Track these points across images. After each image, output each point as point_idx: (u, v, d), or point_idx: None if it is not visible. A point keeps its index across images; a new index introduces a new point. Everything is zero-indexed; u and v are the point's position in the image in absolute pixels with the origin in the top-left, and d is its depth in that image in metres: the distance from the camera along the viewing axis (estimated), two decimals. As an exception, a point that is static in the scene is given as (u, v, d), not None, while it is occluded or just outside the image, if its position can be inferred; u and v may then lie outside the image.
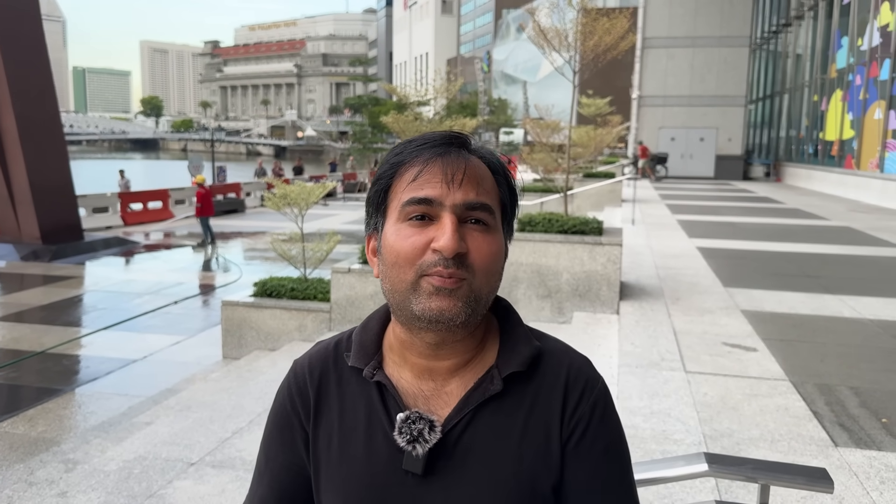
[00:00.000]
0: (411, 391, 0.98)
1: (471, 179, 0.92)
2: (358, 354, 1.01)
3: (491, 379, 0.96)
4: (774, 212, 16.47)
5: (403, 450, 0.93)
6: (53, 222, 14.97)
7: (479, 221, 0.92)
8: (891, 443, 3.77)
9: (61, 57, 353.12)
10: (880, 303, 7.02)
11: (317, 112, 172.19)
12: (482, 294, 0.92)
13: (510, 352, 0.98)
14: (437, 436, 0.92)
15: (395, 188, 0.94)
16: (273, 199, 8.01)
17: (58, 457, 4.48)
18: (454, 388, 0.97)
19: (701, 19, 28.89)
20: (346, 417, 1.00)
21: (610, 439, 0.97)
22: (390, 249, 0.92)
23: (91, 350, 8.32)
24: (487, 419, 0.95)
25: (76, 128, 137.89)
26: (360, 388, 1.00)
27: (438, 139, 0.95)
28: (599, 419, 0.97)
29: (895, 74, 18.05)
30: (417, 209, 0.90)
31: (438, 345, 0.95)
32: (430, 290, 0.89)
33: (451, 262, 0.88)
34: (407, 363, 0.99)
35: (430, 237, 0.89)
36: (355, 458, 0.97)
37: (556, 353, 1.01)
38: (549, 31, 7.42)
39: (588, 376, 0.99)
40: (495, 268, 0.93)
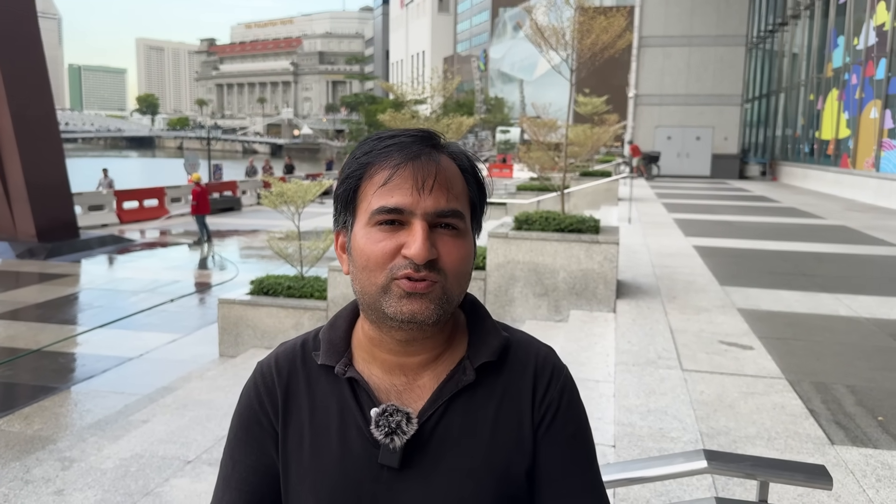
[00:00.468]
0: (383, 386, 0.98)
1: (441, 185, 0.91)
2: (328, 352, 1.01)
3: (463, 370, 0.98)
4: (770, 210, 16.50)
5: (380, 444, 0.93)
6: (49, 220, 14.92)
7: (450, 226, 0.92)
8: (887, 441, 3.78)
9: (57, 55, 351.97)
10: (876, 301, 7.04)
11: (313, 110, 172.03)
12: (453, 295, 0.93)
13: (480, 343, 1.00)
14: (415, 427, 0.93)
15: (364, 189, 0.94)
16: (269, 197, 7.99)
17: (54, 455, 4.47)
18: (426, 382, 0.98)
19: (697, 18, 28.93)
20: (317, 415, 0.99)
21: (577, 426, 1.01)
22: (360, 253, 0.92)
23: (87, 348, 8.30)
24: (461, 410, 0.96)
25: (72, 126, 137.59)
26: (330, 386, 1.00)
27: (408, 139, 0.94)
28: (567, 405, 1.00)
29: (891, 74, 18.10)
30: (387, 217, 0.90)
31: (409, 342, 0.96)
32: (400, 293, 0.90)
33: (421, 267, 0.89)
34: (376, 360, 0.99)
35: (401, 242, 0.90)
36: (328, 455, 0.97)
37: (523, 344, 1.04)
38: (546, 30, 7.42)
39: (554, 364, 1.02)
40: (465, 269, 0.95)
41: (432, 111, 10.49)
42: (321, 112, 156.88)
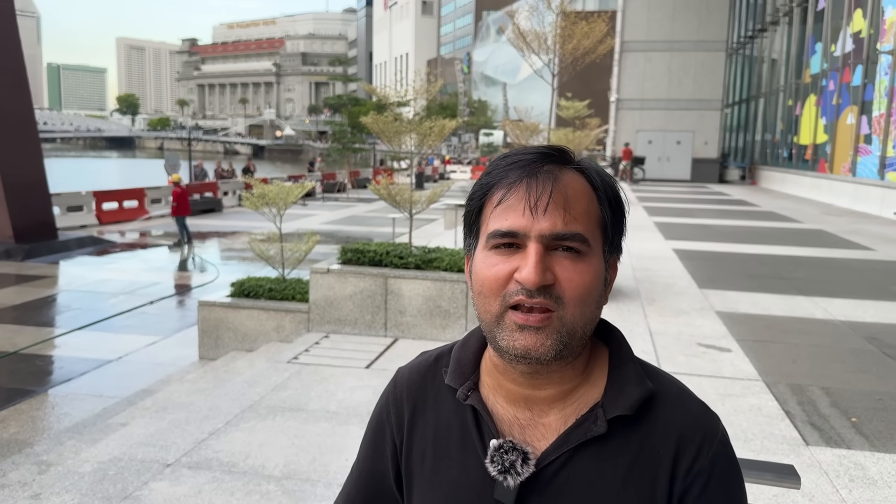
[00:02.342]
0: (507, 418, 0.93)
1: (557, 205, 0.85)
2: (454, 373, 0.97)
3: (595, 419, 0.89)
4: (749, 214, 16.69)
5: (495, 479, 0.89)
6: (26, 221, 14.73)
7: (571, 249, 0.85)
8: (860, 441, 3.84)
9: (35, 53, 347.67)
10: (851, 304, 7.16)
11: (296, 111, 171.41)
12: (576, 327, 0.85)
13: (618, 391, 0.91)
14: (531, 469, 0.88)
15: (485, 211, 0.90)
16: (251, 199, 7.96)
17: (30, 458, 4.42)
18: (552, 421, 0.92)
19: (678, 24, 29.20)
20: (441, 435, 0.97)
21: (732, 493, 0.91)
22: (477, 277, 0.89)
23: (65, 350, 8.21)
24: (587, 461, 0.89)
25: (50, 125, 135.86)
26: (455, 407, 0.97)
27: (530, 156, 0.89)
28: (721, 474, 0.90)
29: (867, 80, 18.38)
30: (502, 241, 0.86)
31: (533, 374, 0.90)
32: (513, 326, 0.85)
33: (535, 293, 0.83)
34: (502, 388, 0.94)
35: (515, 266, 0.84)
36: (448, 479, 0.95)
37: (671, 398, 0.93)
38: (528, 34, 7.47)
39: (706, 428, 0.91)
40: (589, 297, 0.86)
41: (416, 113, 10.50)
42: (304, 113, 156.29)
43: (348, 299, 7.02)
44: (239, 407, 4.73)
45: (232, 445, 4.08)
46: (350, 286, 6.99)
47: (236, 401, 4.90)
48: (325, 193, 28.83)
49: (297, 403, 4.78)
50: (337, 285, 7.06)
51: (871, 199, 17.26)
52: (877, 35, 18.06)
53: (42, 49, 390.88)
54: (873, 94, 17.94)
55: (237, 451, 3.99)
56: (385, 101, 9.61)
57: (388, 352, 6.26)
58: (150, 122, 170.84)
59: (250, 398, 4.92)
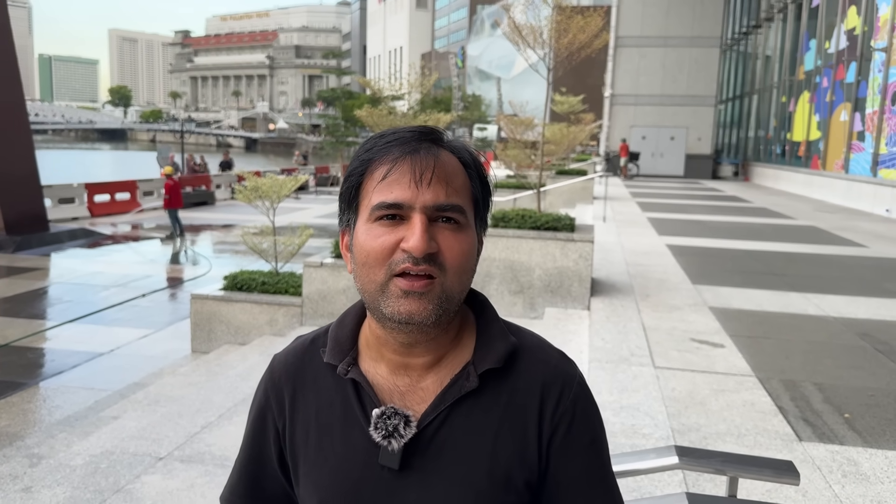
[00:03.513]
0: (387, 387, 0.98)
1: (440, 179, 0.91)
2: (333, 351, 1.01)
3: (467, 376, 0.96)
4: (742, 210, 16.73)
5: (379, 445, 0.94)
6: (18, 213, 14.64)
7: (450, 220, 0.91)
8: (853, 437, 3.86)
9: (27, 44, 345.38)
10: (844, 301, 7.18)
11: (289, 104, 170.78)
12: (454, 293, 0.92)
13: (486, 348, 0.97)
14: (413, 431, 0.93)
15: (365, 186, 0.94)
16: (244, 192, 7.93)
17: (22, 451, 4.40)
18: (430, 384, 0.97)
19: (673, 19, 29.20)
20: (323, 413, 1.00)
21: (593, 435, 0.99)
22: (361, 249, 0.92)
23: (56, 343, 8.17)
24: (463, 416, 0.95)
25: (42, 117, 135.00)
26: (335, 384, 1.00)
27: (408, 135, 0.94)
28: (582, 415, 0.98)
29: (861, 77, 18.43)
30: (387, 212, 0.90)
31: (411, 344, 0.95)
32: (398, 292, 0.89)
33: (420, 260, 0.88)
34: (383, 359, 0.99)
35: (400, 237, 0.89)
36: (332, 453, 0.98)
37: (533, 350, 1.00)
38: (524, 28, 7.45)
39: (565, 374, 0.99)
40: (467, 265, 0.93)
41: (409, 107, 10.47)
42: (297, 106, 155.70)
43: (342, 293, 6.99)
44: (232, 400, 4.71)
45: (224, 439, 4.07)
46: (343, 280, 6.97)
47: (229, 394, 4.88)
48: (319, 187, 28.76)
49: (291, 397, 4.76)
50: (330, 279, 7.04)
51: (863, 196, 17.32)
52: (871, 32, 18.10)
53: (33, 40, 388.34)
54: (867, 91, 17.99)
55: (230, 444, 3.97)
56: (379, 94, 9.59)
57: (382, 346, 6.24)
58: (143, 114, 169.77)
59: (243, 392, 4.90)
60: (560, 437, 0.96)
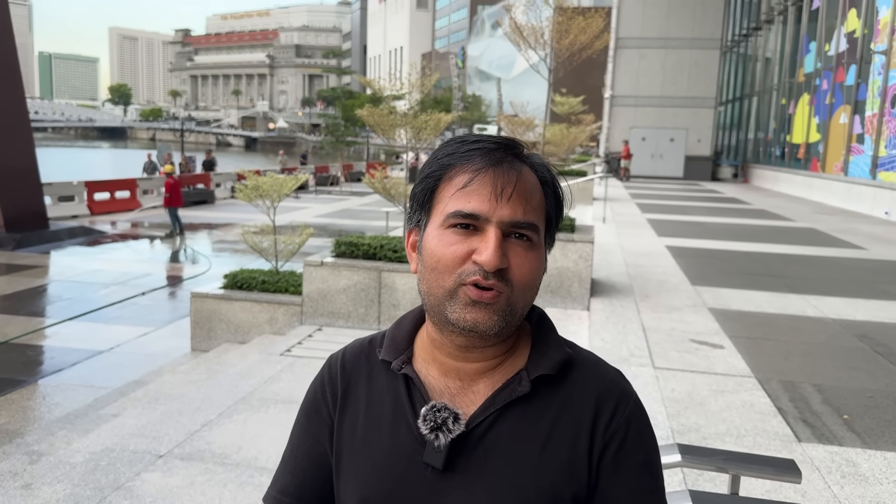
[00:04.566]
0: (438, 387, 0.98)
1: (520, 195, 0.90)
2: (389, 348, 1.02)
3: (519, 380, 0.96)
4: (742, 212, 16.75)
5: (426, 441, 0.94)
6: (18, 210, 14.63)
7: (523, 237, 0.91)
8: (851, 438, 3.87)
9: (27, 42, 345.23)
10: (843, 302, 7.19)
11: (289, 104, 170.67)
12: (518, 307, 0.92)
13: (541, 355, 0.98)
14: (461, 428, 0.93)
15: (442, 190, 0.93)
16: (244, 191, 7.93)
17: (22, 448, 4.40)
18: (481, 388, 0.97)
19: (673, 21, 29.22)
20: (373, 409, 1.01)
21: (646, 454, 0.97)
22: (431, 254, 0.92)
23: (56, 341, 8.17)
24: (513, 421, 0.95)
25: (42, 114, 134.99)
26: (388, 381, 1.02)
27: (492, 145, 0.94)
28: (636, 433, 0.97)
29: (860, 80, 18.45)
30: (463, 221, 0.90)
31: (468, 348, 0.95)
32: (466, 300, 0.89)
33: (490, 275, 0.88)
34: (435, 361, 0.99)
35: (473, 247, 0.89)
36: (378, 448, 0.98)
37: (588, 364, 1.01)
38: (524, 29, 7.46)
39: (621, 390, 0.99)
40: (533, 283, 0.93)
41: (410, 107, 10.47)
42: (297, 106, 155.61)
43: (342, 292, 7.00)
44: (231, 399, 4.72)
45: (224, 437, 4.07)
46: (344, 279, 6.98)
47: (229, 393, 4.89)
48: (319, 186, 28.76)
49: (290, 396, 4.77)
50: (330, 278, 7.05)
51: (862, 199, 17.34)
52: (871, 35, 18.12)
53: (34, 38, 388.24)
54: (866, 93, 18.01)
55: (230, 442, 3.98)
56: (380, 93, 9.58)
57: (382, 345, 6.24)
58: (143, 112, 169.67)
59: (243, 390, 4.91)
60: (612, 453, 0.95)
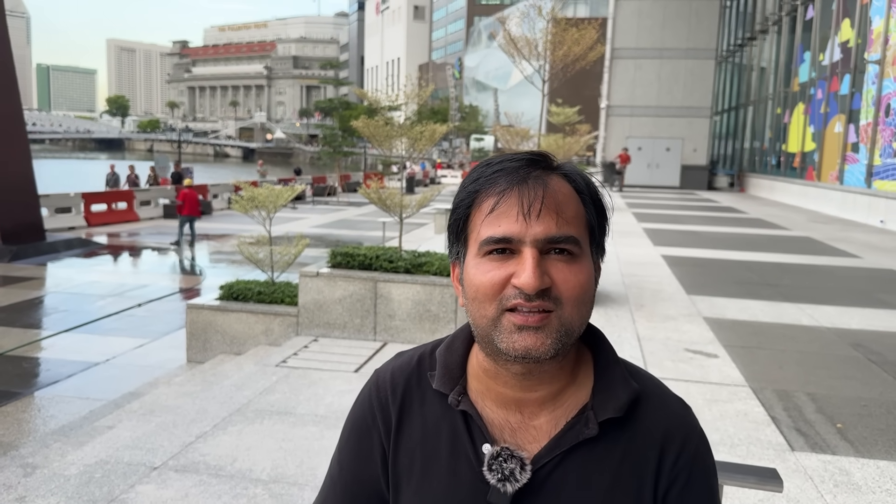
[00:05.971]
0: (497, 422, 0.95)
1: (550, 209, 0.87)
2: (443, 378, 0.98)
3: (586, 422, 0.92)
4: (737, 221, 16.79)
5: (490, 484, 0.91)
6: (14, 222, 14.63)
7: (564, 251, 0.87)
8: (845, 447, 3.88)
9: (25, 54, 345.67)
10: (837, 311, 7.21)
11: (286, 114, 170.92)
12: (573, 326, 0.88)
13: (607, 393, 0.94)
14: (528, 476, 0.90)
15: (473, 219, 0.91)
16: (240, 202, 7.95)
17: (16, 461, 4.40)
18: (543, 423, 0.94)
19: (668, 31, 29.37)
20: (429, 440, 0.98)
21: (712, 488, 0.96)
22: (471, 284, 0.89)
23: (52, 353, 8.16)
24: (579, 462, 0.92)
25: (39, 126, 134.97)
26: (443, 411, 0.98)
27: (515, 164, 0.90)
28: (702, 469, 0.95)
29: (855, 89, 18.55)
30: (496, 246, 0.87)
31: (526, 375, 0.91)
32: (511, 327, 0.86)
33: (533, 297, 0.84)
34: (491, 392, 0.95)
35: (511, 272, 0.86)
36: (438, 483, 0.95)
37: (654, 397, 0.97)
38: (519, 40, 7.51)
39: (687, 426, 0.96)
40: (584, 297, 0.88)
41: (406, 118, 10.52)
42: (295, 116, 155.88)
43: (337, 303, 7.01)
44: (227, 410, 4.72)
45: (219, 449, 4.07)
46: (339, 290, 6.99)
47: (224, 404, 4.88)
48: (315, 197, 28.79)
49: (286, 407, 4.77)
50: (326, 289, 7.05)
51: (858, 208, 17.40)
52: (864, 45, 18.24)
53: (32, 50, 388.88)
54: (861, 103, 18.10)
55: (224, 454, 3.98)
56: (376, 105, 9.63)
57: (378, 356, 6.25)
58: (140, 123, 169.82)
59: (238, 401, 4.90)
60: (677, 491, 0.93)
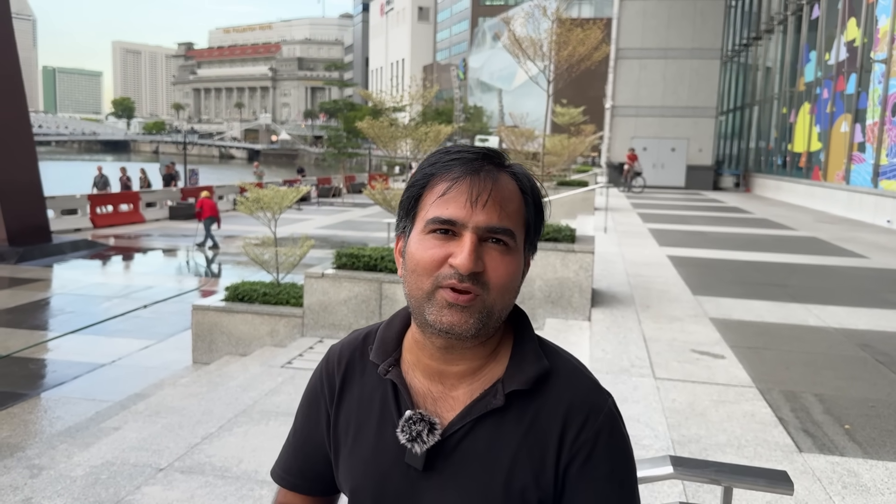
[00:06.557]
0: (421, 391, 1.03)
1: (495, 202, 0.94)
2: (378, 350, 1.07)
3: (495, 393, 0.99)
4: (743, 222, 16.74)
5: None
6: (21, 224, 14.68)
7: (500, 242, 0.95)
8: (853, 449, 3.85)
9: (31, 56, 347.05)
10: (844, 312, 7.18)
11: (291, 116, 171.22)
12: (495, 309, 0.95)
13: (517, 368, 1.00)
14: (436, 438, 0.98)
15: (425, 198, 0.98)
16: (246, 203, 7.96)
17: (22, 462, 4.40)
18: (461, 395, 1.01)
19: (673, 31, 29.31)
20: (364, 407, 1.07)
21: (613, 466, 0.99)
22: (412, 257, 0.97)
23: (58, 354, 8.18)
24: (487, 430, 0.99)
25: (45, 128, 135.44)
26: (378, 381, 1.07)
27: (471, 155, 0.98)
28: (604, 446, 0.98)
29: (861, 89, 18.48)
30: (441, 226, 0.94)
31: (448, 349, 1.00)
32: (443, 302, 0.94)
33: (465, 278, 0.92)
34: (420, 364, 1.04)
35: (450, 252, 0.93)
36: (367, 446, 1.04)
37: (565, 376, 1.02)
38: (524, 41, 7.49)
39: (592, 403, 1.00)
40: (511, 286, 0.97)
41: (411, 119, 10.52)
42: (299, 118, 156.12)
43: (343, 304, 7.01)
44: (232, 411, 4.72)
45: (225, 450, 4.07)
46: (345, 291, 6.99)
47: (230, 405, 4.89)
48: (320, 198, 28.82)
49: (291, 408, 4.76)
50: (331, 290, 7.05)
51: (864, 207, 17.33)
52: (870, 44, 18.17)
53: (38, 52, 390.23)
54: (867, 102, 18.03)
55: (230, 455, 3.98)
56: (381, 106, 9.63)
57: (383, 357, 6.24)
58: (146, 125, 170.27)
59: (244, 403, 4.90)
60: (578, 465, 0.98)
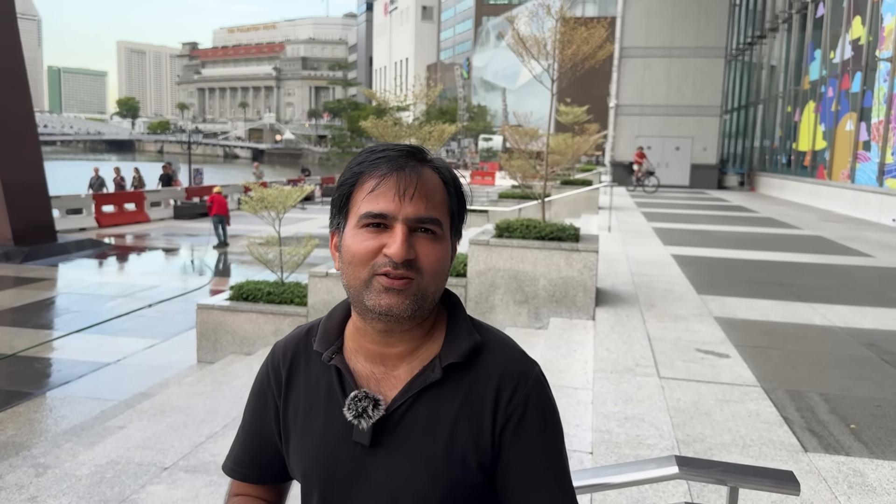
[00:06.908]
0: (365, 374, 1.11)
1: (421, 194, 1.03)
2: (321, 340, 1.14)
3: (433, 368, 1.08)
4: (748, 220, 16.69)
5: (353, 423, 1.06)
6: (26, 223, 14.73)
7: (428, 231, 1.04)
8: (859, 448, 3.84)
9: (36, 56, 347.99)
10: (850, 311, 7.15)
11: (295, 115, 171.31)
12: (428, 292, 1.05)
13: (452, 344, 1.10)
14: (381, 413, 1.06)
15: (355, 195, 1.06)
16: (250, 203, 7.96)
17: (28, 461, 4.42)
18: (402, 373, 1.10)
19: (677, 30, 29.23)
20: (310, 394, 1.14)
21: (543, 425, 1.09)
22: (348, 250, 1.05)
23: (63, 353, 8.20)
24: (428, 403, 1.07)
25: (50, 128, 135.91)
26: (322, 369, 1.14)
27: (396, 153, 1.06)
28: (533, 409, 1.08)
29: (866, 87, 18.41)
30: (373, 220, 1.02)
31: (387, 332, 1.08)
32: (380, 288, 1.02)
33: (399, 265, 1.00)
34: (362, 349, 1.11)
35: (383, 243, 1.02)
36: (316, 429, 1.12)
37: (496, 348, 1.12)
38: (527, 40, 7.48)
39: (522, 371, 1.10)
40: (441, 269, 1.06)
41: (415, 118, 10.52)
42: (303, 117, 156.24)
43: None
44: (237, 410, 4.72)
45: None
46: (349, 290, 6.98)
47: (234, 404, 4.89)
48: (325, 197, 28.84)
49: (296, 407, 4.76)
50: (336, 289, 7.05)
51: (869, 206, 17.27)
52: (875, 42, 18.10)
53: (43, 52, 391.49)
54: (872, 100, 17.96)
55: (235, 454, 3.97)
56: (385, 105, 9.62)
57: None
58: (150, 125, 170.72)
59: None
60: (512, 426, 1.07)
